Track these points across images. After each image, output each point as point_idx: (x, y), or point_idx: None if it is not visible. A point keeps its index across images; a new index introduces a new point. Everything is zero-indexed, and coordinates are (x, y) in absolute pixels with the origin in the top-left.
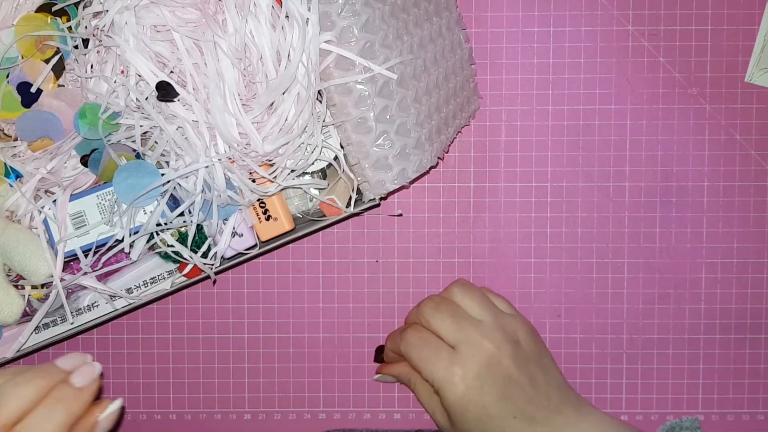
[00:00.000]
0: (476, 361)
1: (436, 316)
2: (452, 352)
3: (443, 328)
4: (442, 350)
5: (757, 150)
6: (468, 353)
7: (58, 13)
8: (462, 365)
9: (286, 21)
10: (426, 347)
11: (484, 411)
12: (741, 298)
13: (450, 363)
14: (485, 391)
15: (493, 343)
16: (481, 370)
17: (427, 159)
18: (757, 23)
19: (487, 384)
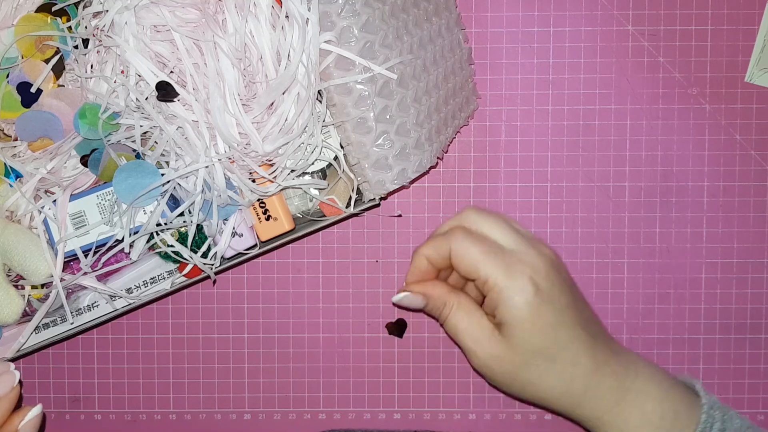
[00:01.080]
0: (543, 262)
1: (488, 220)
2: (514, 253)
3: (499, 231)
4: (503, 250)
5: (757, 150)
6: (532, 253)
7: (58, 13)
8: (530, 264)
9: (286, 21)
10: (485, 244)
11: (556, 317)
12: (741, 298)
13: (516, 261)
14: (555, 294)
15: (549, 250)
16: (550, 270)
17: (427, 159)
18: (757, 23)
19: (555, 287)
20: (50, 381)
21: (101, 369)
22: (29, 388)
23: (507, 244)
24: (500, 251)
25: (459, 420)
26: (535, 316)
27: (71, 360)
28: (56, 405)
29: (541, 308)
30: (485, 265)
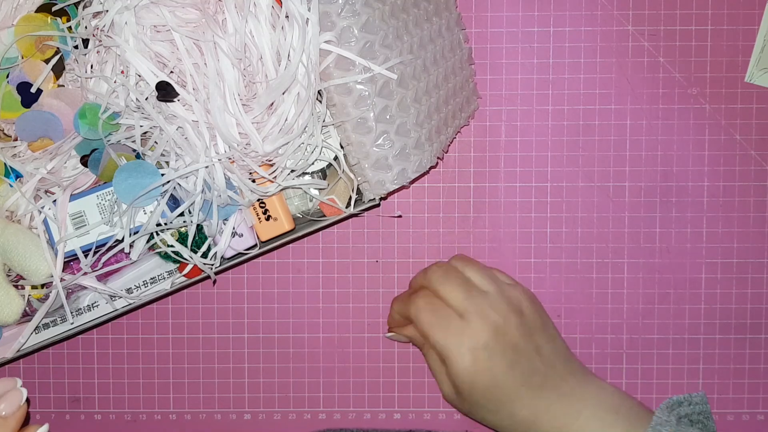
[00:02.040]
0: (485, 331)
1: (446, 283)
2: (461, 321)
3: (453, 296)
4: (451, 319)
5: (757, 150)
6: (476, 323)
7: (58, 13)
8: (471, 335)
9: (286, 21)
10: (435, 314)
11: (493, 381)
12: (741, 298)
13: (459, 332)
14: (494, 361)
15: (499, 313)
16: (489, 340)
17: (427, 159)
18: (757, 23)
19: (495, 354)
20: (50, 381)
21: (101, 369)
22: (30, 389)
23: (459, 307)
24: (447, 321)
25: (459, 420)
26: (473, 382)
27: (71, 360)
28: (56, 405)
29: (477, 376)
30: (434, 334)
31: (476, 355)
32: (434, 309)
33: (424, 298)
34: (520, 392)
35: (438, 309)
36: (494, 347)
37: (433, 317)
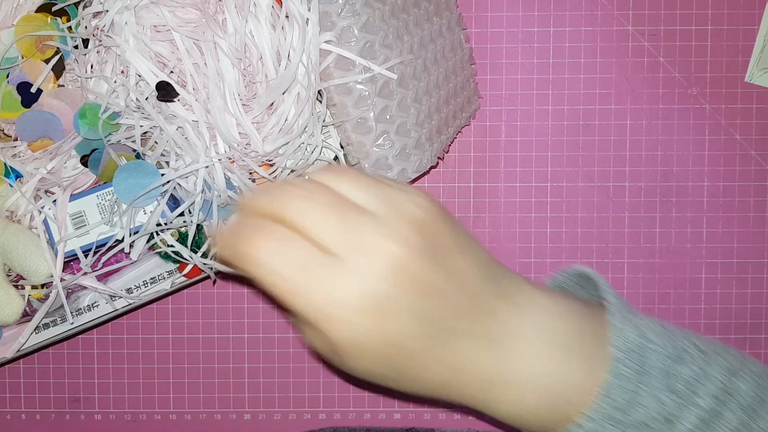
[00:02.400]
0: (376, 275)
1: (311, 209)
2: (334, 266)
3: (323, 229)
4: (317, 269)
5: (757, 150)
6: (363, 265)
7: (58, 13)
8: (353, 287)
9: (286, 21)
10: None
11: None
12: (741, 298)
13: (332, 287)
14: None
15: (396, 240)
16: (383, 286)
17: (427, 159)
18: (757, 23)
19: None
20: (50, 381)
21: (101, 369)
22: (29, 388)
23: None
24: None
25: (459, 420)
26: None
27: (71, 360)
28: (56, 405)
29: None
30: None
31: (364, 315)
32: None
33: (270, 242)
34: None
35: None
36: (391, 296)
37: (288, 272)
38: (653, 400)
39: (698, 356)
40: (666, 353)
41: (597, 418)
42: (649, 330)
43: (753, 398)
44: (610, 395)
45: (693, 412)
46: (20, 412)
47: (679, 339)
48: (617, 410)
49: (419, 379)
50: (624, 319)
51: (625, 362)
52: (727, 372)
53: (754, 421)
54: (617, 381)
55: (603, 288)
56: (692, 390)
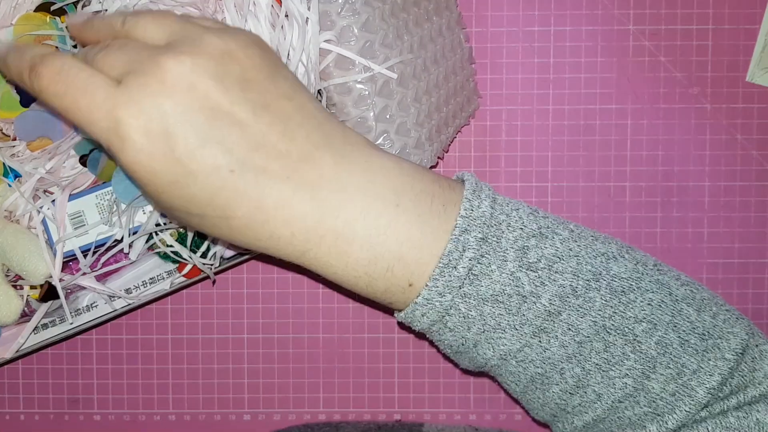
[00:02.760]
0: (155, 91)
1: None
2: (117, 85)
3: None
4: (100, 87)
5: (759, 150)
6: (141, 82)
7: (57, 12)
8: (132, 103)
9: (286, 20)
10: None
11: (179, 168)
12: (742, 298)
13: (114, 102)
14: (177, 140)
15: (183, 61)
16: (165, 103)
17: (427, 159)
18: (758, 23)
19: (178, 125)
20: (49, 381)
21: (100, 369)
22: (28, 389)
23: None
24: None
25: (459, 420)
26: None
27: (70, 360)
28: (55, 406)
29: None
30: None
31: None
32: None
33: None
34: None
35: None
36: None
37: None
38: (505, 275)
39: (566, 237)
40: (527, 231)
41: (439, 287)
42: (511, 209)
43: (628, 283)
44: (451, 263)
45: (550, 289)
46: (19, 412)
47: (552, 223)
48: (461, 280)
49: (226, 217)
50: (480, 194)
51: (470, 231)
52: (600, 255)
53: (626, 307)
54: (457, 248)
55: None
56: (552, 266)
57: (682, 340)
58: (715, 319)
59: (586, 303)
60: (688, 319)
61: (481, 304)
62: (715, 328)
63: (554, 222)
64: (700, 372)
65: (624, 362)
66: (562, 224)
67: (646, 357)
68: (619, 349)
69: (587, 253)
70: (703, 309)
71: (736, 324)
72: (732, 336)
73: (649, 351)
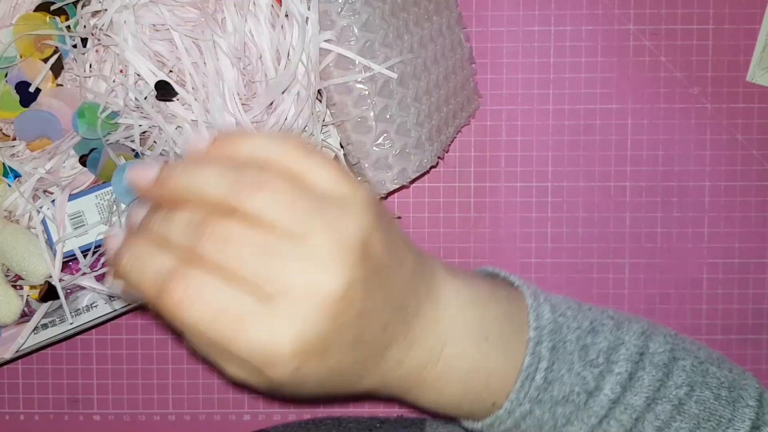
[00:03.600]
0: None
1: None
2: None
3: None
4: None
5: (759, 150)
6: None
7: (57, 12)
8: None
9: (286, 20)
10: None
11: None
12: (742, 298)
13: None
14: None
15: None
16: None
17: (427, 159)
18: (758, 23)
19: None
20: (49, 382)
21: (100, 369)
22: (28, 389)
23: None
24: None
25: None
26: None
27: (70, 360)
28: (55, 406)
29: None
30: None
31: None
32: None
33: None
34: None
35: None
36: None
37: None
38: (573, 376)
39: (611, 325)
40: (583, 329)
41: (520, 399)
42: (564, 307)
43: (665, 356)
44: (529, 376)
45: (612, 380)
46: (19, 412)
47: (592, 312)
48: (538, 389)
49: (353, 390)
50: (538, 297)
51: (543, 342)
52: (640, 335)
53: (667, 377)
54: (533, 362)
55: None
56: (609, 359)
57: (715, 395)
58: (732, 372)
59: (638, 382)
60: (715, 376)
61: (554, 407)
62: (734, 381)
63: (597, 313)
64: (735, 420)
65: (672, 425)
66: (604, 313)
67: (690, 416)
68: (667, 414)
69: (630, 337)
70: (722, 366)
71: (746, 376)
72: (748, 386)
73: (692, 410)
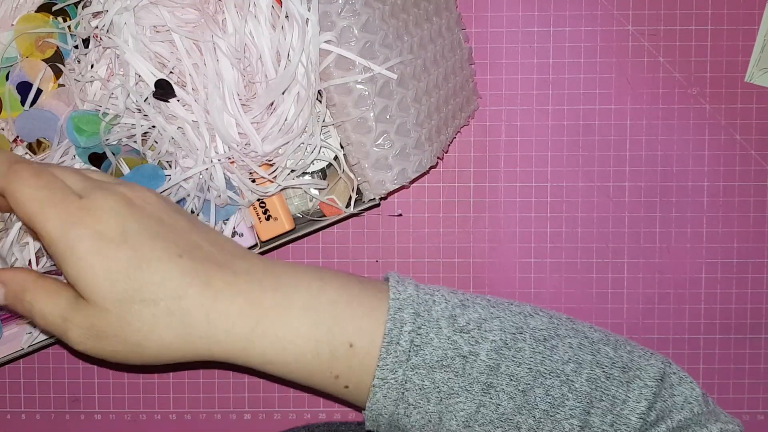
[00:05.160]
0: (109, 200)
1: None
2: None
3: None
4: (70, 198)
5: (757, 150)
6: (101, 196)
7: (58, 13)
8: (92, 207)
9: (286, 21)
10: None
11: (138, 251)
12: (741, 297)
13: (77, 207)
14: (133, 227)
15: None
16: (119, 207)
17: (427, 159)
18: (757, 23)
19: (131, 219)
20: (50, 381)
21: (101, 369)
22: (29, 388)
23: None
24: (59, 200)
25: None
26: (106, 261)
27: (71, 360)
28: (56, 405)
29: (110, 251)
30: (38, 213)
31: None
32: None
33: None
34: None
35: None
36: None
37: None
38: (443, 340)
39: (485, 304)
40: (451, 303)
41: (389, 364)
42: (433, 290)
43: (546, 332)
44: (393, 339)
45: (485, 346)
46: (20, 412)
47: (470, 296)
48: (406, 353)
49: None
50: (403, 281)
51: (403, 309)
52: (517, 314)
53: (551, 351)
54: (396, 326)
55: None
56: (481, 327)
57: (606, 374)
58: (631, 354)
59: (518, 353)
60: (608, 356)
61: (431, 373)
62: (633, 362)
63: (472, 295)
64: (629, 400)
65: (565, 403)
66: (479, 296)
67: (582, 394)
68: (557, 391)
69: (506, 314)
70: (619, 347)
71: (651, 357)
72: (649, 366)
73: (583, 388)
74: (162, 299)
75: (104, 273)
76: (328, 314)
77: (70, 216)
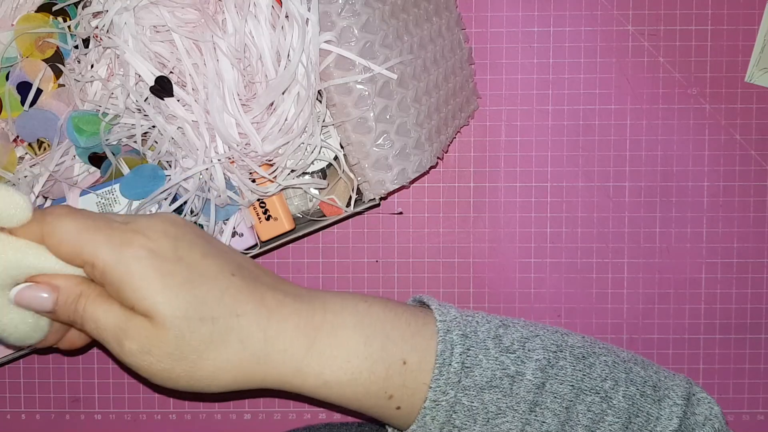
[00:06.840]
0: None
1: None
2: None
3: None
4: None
5: (757, 150)
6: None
7: (58, 13)
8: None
9: (286, 21)
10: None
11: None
12: (741, 298)
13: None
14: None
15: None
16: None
17: (427, 159)
18: (757, 23)
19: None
20: (50, 381)
21: (101, 369)
22: (29, 388)
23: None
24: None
25: None
26: (165, 279)
27: (71, 360)
28: (56, 405)
29: (167, 269)
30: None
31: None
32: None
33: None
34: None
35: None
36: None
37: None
38: (491, 361)
39: (523, 324)
40: (493, 324)
41: (441, 386)
42: (472, 312)
43: (584, 350)
44: (445, 361)
45: (531, 365)
46: (20, 412)
47: (507, 318)
48: (458, 374)
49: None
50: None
51: (452, 330)
52: (554, 333)
53: (590, 368)
54: (447, 348)
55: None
56: (525, 347)
57: (641, 392)
58: (658, 374)
59: (561, 371)
60: (639, 375)
61: (480, 394)
62: (661, 381)
63: (507, 317)
64: (661, 418)
65: (605, 419)
66: (514, 319)
67: (620, 410)
68: (598, 407)
69: (544, 332)
70: (647, 367)
71: (676, 377)
72: (676, 386)
73: (620, 404)
74: (220, 317)
75: (163, 290)
76: (379, 332)
77: (122, 238)
